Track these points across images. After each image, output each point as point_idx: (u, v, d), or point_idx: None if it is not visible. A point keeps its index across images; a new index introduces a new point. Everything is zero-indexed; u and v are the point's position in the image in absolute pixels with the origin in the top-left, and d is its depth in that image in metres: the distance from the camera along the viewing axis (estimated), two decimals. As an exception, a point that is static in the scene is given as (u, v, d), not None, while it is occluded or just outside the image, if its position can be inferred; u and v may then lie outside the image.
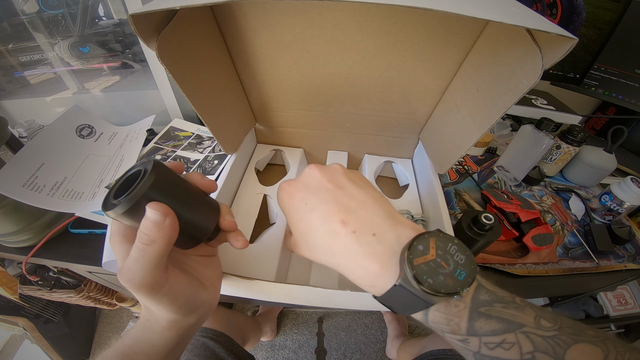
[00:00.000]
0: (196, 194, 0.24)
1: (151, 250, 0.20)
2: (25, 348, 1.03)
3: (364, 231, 0.20)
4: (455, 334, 0.19)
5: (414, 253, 0.18)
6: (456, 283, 0.18)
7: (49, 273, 0.68)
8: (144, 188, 0.20)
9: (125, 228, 0.23)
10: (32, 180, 0.42)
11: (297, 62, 0.38)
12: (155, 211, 0.20)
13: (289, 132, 0.51)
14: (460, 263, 0.18)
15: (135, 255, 0.20)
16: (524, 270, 0.43)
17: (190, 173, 0.25)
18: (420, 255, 0.18)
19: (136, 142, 0.56)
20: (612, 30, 0.59)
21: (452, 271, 0.18)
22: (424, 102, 0.42)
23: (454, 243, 0.19)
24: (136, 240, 0.20)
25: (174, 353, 0.26)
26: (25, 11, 0.61)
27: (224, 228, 0.26)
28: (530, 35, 0.23)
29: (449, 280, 0.18)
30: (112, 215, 0.20)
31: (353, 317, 1.07)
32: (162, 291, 0.21)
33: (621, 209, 0.49)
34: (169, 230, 0.20)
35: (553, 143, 0.52)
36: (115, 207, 0.20)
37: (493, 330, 0.18)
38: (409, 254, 0.18)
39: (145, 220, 0.20)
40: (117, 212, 0.20)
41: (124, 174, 0.23)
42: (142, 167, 0.22)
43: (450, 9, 0.16)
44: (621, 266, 0.45)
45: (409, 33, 0.33)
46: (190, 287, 0.24)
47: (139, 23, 0.22)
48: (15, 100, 0.72)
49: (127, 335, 0.24)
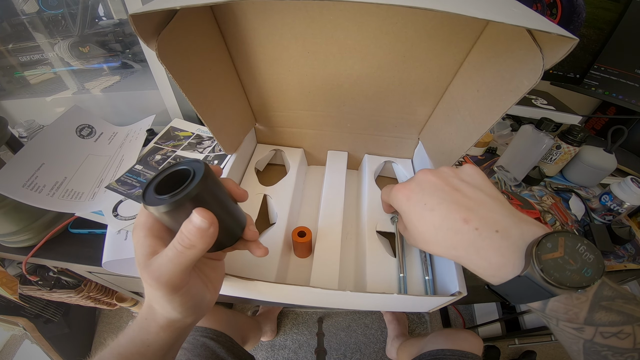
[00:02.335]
0: (232, 202, 0.25)
1: (189, 254, 0.21)
2: (25, 348, 1.03)
3: (486, 228, 0.23)
4: (572, 322, 0.21)
5: (542, 249, 0.20)
6: (582, 279, 0.19)
7: (49, 273, 0.68)
8: (194, 192, 0.20)
9: (153, 222, 0.23)
10: (32, 180, 0.42)
11: (298, 62, 0.38)
12: (203, 219, 0.20)
13: (289, 132, 0.51)
14: (588, 262, 0.20)
15: (172, 255, 0.21)
16: (524, 270, 0.43)
17: (225, 179, 0.26)
18: (548, 252, 0.20)
19: (136, 142, 0.56)
20: (612, 30, 0.59)
21: (579, 268, 0.20)
22: (424, 102, 0.42)
23: (584, 243, 0.20)
24: (175, 242, 0.21)
25: (170, 353, 0.26)
26: (25, 11, 0.61)
27: (247, 238, 0.27)
28: (531, 36, 0.23)
29: (575, 276, 0.19)
30: (153, 211, 0.20)
31: (353, 317, 1.07)
32: (180, 292, 0.22)
33: (621, 209, 0.49)
34: (210, 238, 0.21)
35: (553, 143, 0.52)
36: (160, 203, 0.20)
37: (612, 322, 0.20)
38: (537, 250, 0.20)
39: (190, 225, 0.21)
40: (159, 210, 0.20)
41: (167, 168, 0.23)
42: (190, 168, 0.22)
43: (450, 9, 0.16)
44: (621, 266, 0.45)
45: (409, 33, 0.33)
46: (201, 290, 0.25)
47: (139, 23, 0.22)
48: (15, 100, 0.72)
49: (123, 335, 0.25)
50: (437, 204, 0.25)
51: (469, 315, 1.04)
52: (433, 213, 0.25)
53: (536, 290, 0.21)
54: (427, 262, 0.37)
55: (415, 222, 0.27)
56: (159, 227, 0.23)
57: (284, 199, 0.44)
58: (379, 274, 0.36)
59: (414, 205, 0.27)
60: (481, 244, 0.23)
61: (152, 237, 0.22)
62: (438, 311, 1.08)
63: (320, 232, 0.40)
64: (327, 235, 0.40)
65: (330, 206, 0.43)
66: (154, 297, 0.22)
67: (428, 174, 0.28)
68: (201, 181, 0.20)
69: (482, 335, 0.96)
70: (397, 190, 0.29)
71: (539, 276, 0.20)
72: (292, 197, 0.44)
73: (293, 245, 0.40)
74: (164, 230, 0.23)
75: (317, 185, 0.51)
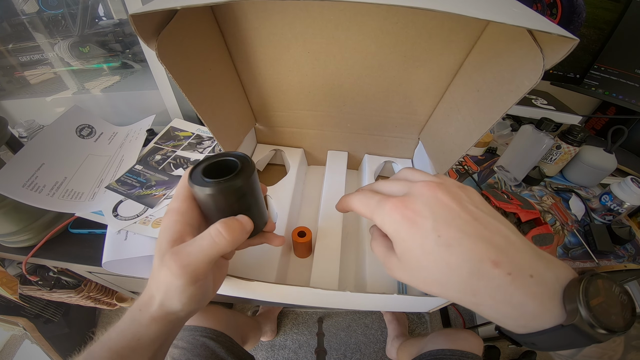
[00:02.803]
0: (262, 197, 0.27)
1: (222, 247, 0.22)
2: (25, 348, 1.03)
3: (520, 273, 0.19)
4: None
5: (589, 295, 0.18)
6: (624, 322, 0.18)
7: (49, 273, 0.68)
8: (240, 183, 0.22)
9: (187, 209, 0.23)
10: (32, 180, 0.41)
11: (298, 62, 0.38)
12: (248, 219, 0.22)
13: (289, 132, 0.51)
14: (624, 303, 0.19)
15: (206, 245, 0.21)
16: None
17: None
18: (593, 297, 0.19)
19: (136, 142, 0.56)
20: (612, 30, 0.59)
21: (620, 311, 0.19)
22: (424, 102, 0.42)
23: (617, 284, 0.20)
24: (212, 232, 0.22)
25: (162, 349, 0.26)
26: (25, 11, 0.61)
27: (268, 230, 0.28)
28: (531, 36, 0.23)
29: (619, 320, 0.18)
30: (197, 191, 0.22)
31: (353, 317, 1.07)
32: (198, 284, 0.22)
33: (621, 209, 0.49)
34: (246, 234, 0.23)
35: (553, 143, 0.53)
36: (206, 185, 0.21)
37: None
38: (584, 296, 0.18)
39: (233, 221, 0.22)
40: (204, 191, 0.21)
41: (216, 156, 0.24)
42: (238, 160, 0.23)
43: (451, 10, 0.16)
44: (621, 266, 0.45)
45: (409, 33, 0.33)
46: (210, 286, 0.25)
47: (139, 23, 0.22)
48: (15, 100, 0.72)
49: (113, 328, 0.24)
50: (457, 239, 0.19)
51: (469, 315, 1.04)
52: (450, 250, 0.19)
53: (575, 339, 0.19)
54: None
55: (420, 257, 0.20)
56: (192, 215, 0.23)
57: (284, 199, 0.44)
58: (379, 274, 0.36)
59: (422, 236, 0.20)
60: (513, 292, 0.19)
61: (182, 224, 0.22)
62: (438, 311, 1.08)
63: (320, 232, 0.40)
64: (327, 235, 0.40)
65: (330, 206, 0.43)
66: (168, 285, 0.22)
67: (437, 189, 0.21)
68: (248, 174, 0.22)
69: (482, 335, 0.95)
70: (393, 208, 0.21)
71: (587, 325, 0.18)
72: (292, 197, 0.44)
73: (293, 245, 0.40)
74: (195, 218, 0.24)
75: (317, 185, 0.51)
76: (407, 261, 0.21)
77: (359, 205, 0.24)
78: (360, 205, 0.24)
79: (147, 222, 0.41)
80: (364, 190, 0.25)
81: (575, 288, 0.19)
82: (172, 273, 0.21)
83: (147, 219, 0.42)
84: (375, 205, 0.22)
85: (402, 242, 0.21)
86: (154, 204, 0.44)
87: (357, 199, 0.25)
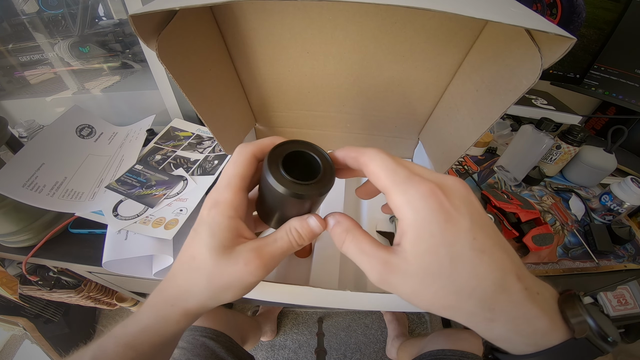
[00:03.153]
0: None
1: (294, 249, 0.21)
2: (25, 348, 1.03)
3: (532, 289, 0.18)
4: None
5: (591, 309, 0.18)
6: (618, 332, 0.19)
7: (49, 273, 0.68)
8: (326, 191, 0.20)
9: (240, 202, 0.20)
10: (32, 180, 0.42)
11: (297, 62, 0.38)
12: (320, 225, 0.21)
13: (289, 132, 0.51)
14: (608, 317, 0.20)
15: (285, 247, 0.21)
16: (524, 270, 0.43)
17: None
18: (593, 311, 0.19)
19: (136, 142, 0.56)
20: (612, 30, 0.59)
21: (611, 323, 0.19)
22: (423, 102, 0.42)
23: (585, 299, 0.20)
24: (289, 234, 0.21)
25: (173, 345, 0.25)
26: (25, 11, 0.61)
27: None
28: (530, 35, 0.23)
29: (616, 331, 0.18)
30: (273, 186, 0.18)
31: (353, 317, 1.07)
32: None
33: (621, 209, 0.49)
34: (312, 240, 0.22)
35: (553, 143, 0.52)
36: (288, 186, 0.18)
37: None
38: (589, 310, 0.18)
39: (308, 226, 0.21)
40: (283, 189, 0.18)
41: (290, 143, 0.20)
42: (320, 161, 0.20)
43: (449, 9, 0.16)
44: (621, 266, 0.45)
45: (408, 33, 0.33)
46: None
47: (139, 23, 0.22)
48: (15, 100, 0.72)
49: (133, 323, 0.22)
50: (489, 246, 0.17)
51: (469, 316, 1.04)
52: (482, 257, 0.17)
53: (583, 353, 0.18)
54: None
55: (444, 260, 0.17)
56: (245, 209, 0.21)
57: (284, 199, 0.44)
58: (378, 273, 0.36)
59: (455, 235, 0.17)
60: (530, 307, 0.17)
61: (238, 219, 0.20)
62: (438, 311, 1.08)
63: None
64: (327, 235, 0.39)
65: (330, 206, 0.43)
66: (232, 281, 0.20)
67: (468, 189, 0.18)
68: (333, 178, 0.20)
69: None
70: (430, 193, 0.17)
71: (599, 336, 0.17)
72: (291, 197, 0.44)
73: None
74: (246, 209, 0.21)
75: (317, 185, 0.51)
76: (421, 264, 0.17)
77: (378, 168, 0.18)
78: (381, 169, 0.18)
79: (147, 221, 0.41)
80: (384, 153, 0.19)
81: (573, 303, 0.19)
82: (248, 271, 0.20)
83: (147, 219, 0.42)
84: (404, 178, 0.17)
85: (429, 237, 0.17)
86: (154, 203, 0.44)
87: (378, 157, 0.18)
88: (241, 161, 0.20)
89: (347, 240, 0.20)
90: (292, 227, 0.21)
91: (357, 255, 0.19)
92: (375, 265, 0.18)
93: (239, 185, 0.20)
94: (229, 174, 0.20)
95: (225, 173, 0.21)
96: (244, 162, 0.21)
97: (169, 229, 0.40)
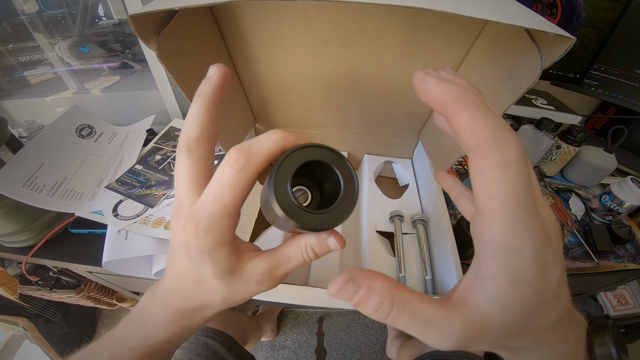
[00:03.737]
0: None
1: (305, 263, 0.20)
2: (25, 348, 1.03)
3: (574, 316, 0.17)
4: None
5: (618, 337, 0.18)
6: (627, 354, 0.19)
7: (49, 273, 0.68)
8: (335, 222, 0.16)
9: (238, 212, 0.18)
10: (32, 180, 0.42)
11: (297, 62, 0.38)
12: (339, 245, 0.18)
13: (288, 132, 0.51)
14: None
15: (297, 265, 0.20)
16: (524, 270, 0.43)
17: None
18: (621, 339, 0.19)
19: (136, 142, 0.56)
20: (612, 30, 0.59)
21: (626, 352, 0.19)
22: (423, 102, 0.42)
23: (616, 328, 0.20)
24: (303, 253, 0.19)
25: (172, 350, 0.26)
26: (25, 11, 0.61)
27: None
28: (529, 35, 0.23)
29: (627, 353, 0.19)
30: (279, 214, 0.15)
31: (353, 317, 1.07)
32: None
33: (621, 209, 0.49)
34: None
35: (553, 143, 0.53)
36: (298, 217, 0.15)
37: None
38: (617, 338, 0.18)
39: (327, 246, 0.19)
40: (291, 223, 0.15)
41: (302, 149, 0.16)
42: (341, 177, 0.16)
43: (449, 9, 0.16)
44: (621, 266, 0.45)
45: (408, 33, 0.33)
46: None
47: (138, 23, 0.22)
48: (15, 100, 0.72)
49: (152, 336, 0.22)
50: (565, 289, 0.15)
51: (469, 315, 1.04)
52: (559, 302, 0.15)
53: None
54: (427, 261, 0.37)
55: (531, 310, 0.15)
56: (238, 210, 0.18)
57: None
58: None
59: (548, 286, 0.14)
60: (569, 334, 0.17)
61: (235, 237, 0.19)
62: (438, 311, 1.08)
63: (319, 232, 0.40)
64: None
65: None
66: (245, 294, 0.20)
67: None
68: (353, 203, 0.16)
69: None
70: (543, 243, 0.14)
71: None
72: (291, 197, 0.44)
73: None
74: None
75: (317, 185, 0.51)
76: (507, 315, 0.14)
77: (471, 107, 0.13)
78: (475, 113, 0.13)
79: (147, 221, 0.41)
80: (471, 88, 0.14)
81: (604, 334, 0.18)
82: (261, 289, 0.20)
83: (147, 219, 0.42)
84: (504, 137, 0.13)
85: (526, 286, 0.14)
86: (154, 203, 0.44)
87: (471, 94, 0.13)
88: (242, 186, 0.16)
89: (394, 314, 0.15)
90: (308, 245, 0.19)
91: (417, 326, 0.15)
92: (455, 331, 0.14)
93: (236, 211, 0.17)
94: (225, 202, 0.16)
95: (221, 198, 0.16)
96: (246, 187, 0.16)
97: (169, 229, 0.40)
